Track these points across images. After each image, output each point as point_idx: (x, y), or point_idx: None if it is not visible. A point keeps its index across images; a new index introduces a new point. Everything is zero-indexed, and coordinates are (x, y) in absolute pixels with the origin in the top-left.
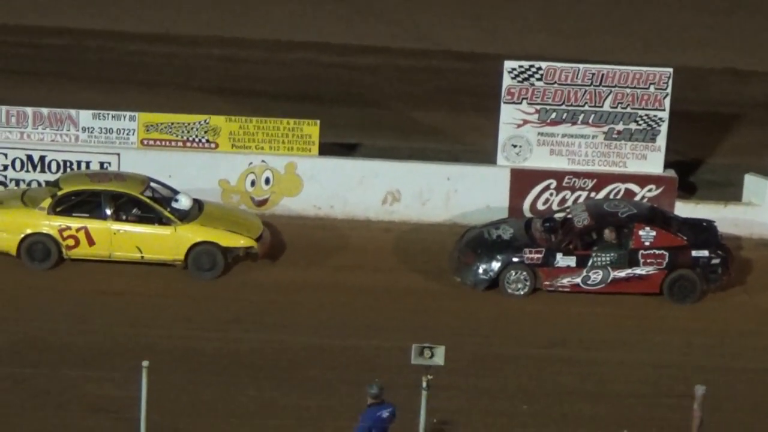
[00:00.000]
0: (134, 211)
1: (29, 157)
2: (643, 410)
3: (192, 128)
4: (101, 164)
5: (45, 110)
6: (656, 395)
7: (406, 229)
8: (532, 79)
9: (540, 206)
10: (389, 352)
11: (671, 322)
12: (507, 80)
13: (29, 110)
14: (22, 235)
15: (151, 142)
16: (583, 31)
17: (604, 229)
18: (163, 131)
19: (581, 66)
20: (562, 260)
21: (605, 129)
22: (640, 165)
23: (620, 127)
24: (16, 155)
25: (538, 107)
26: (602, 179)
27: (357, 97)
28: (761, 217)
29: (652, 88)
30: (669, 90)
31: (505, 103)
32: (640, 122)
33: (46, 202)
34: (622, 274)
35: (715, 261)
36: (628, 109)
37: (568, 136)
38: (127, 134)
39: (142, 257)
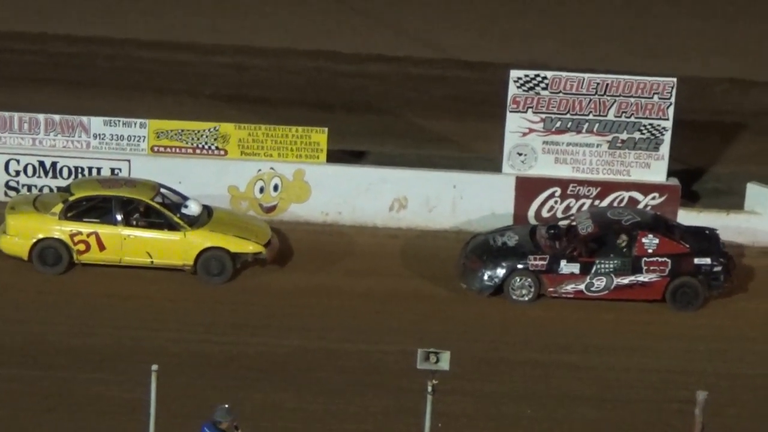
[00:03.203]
0: (135, 216)
1: (41, 163)
2: (646, 415)
3: (202, 135)
4: (112, 170)
5: (57, 117)
6: (659, 401)
7: (413, 235)
8: (537, 89)
9: (545, 214)
10: (395, 357)
11: (674, 328)
12: (513, 89)
13: (41, 117)
14: (34, 240)
15: (162, 149)
16: (587, 41)
17: (608, 237)
18: (173, 138)
19: (586, 75)
20: (566, 267)
21: (609, 138)
22: (643, 173)
23: (624, 136)
24: (28, 161)
25: (544, 116)
26: (606, 187)
27: (365, 105)
28: (763, 226)
29: (655, 98)
30: (672, 99)
31: (510, 111)
32: (644, 131)
33: (58, 208)
34: (626, 281)
35: (718, 268)
36: (632, 119)
37: (572, 144)
38: (138, 141)
39: (152, 262)
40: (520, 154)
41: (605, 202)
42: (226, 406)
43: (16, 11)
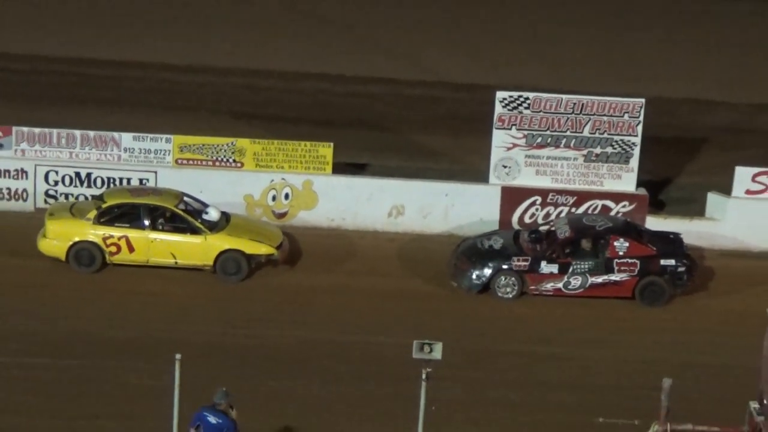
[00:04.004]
0: (160, 221)
1: (77, 174)
2: (618, 400)
3: (220, 149)
4: (140, 180)
5: (91, 133)
6: (629, 387)
7: (409, 239)
8: (520, 108)
9: (527, 220)
10: (393, 348)
11: (642, 322)
12: (498, 108)
13: (77, 133)
14: (71, 243)
15: (185, 162)
16: (565, 66)
17: (584, 240)
18: (195, 152)
19: (564, 96)
20: (546, 267)
21: (584, 152)
22: (615, 184)
23: (598, 150)
24: (65, 172)
25: (526, 132)
26: (582, 196)
27: (367, 122)
28: (722, 231)
29: (626, 116)
30: (641, 118)
31: (496, 128)
32: (616, 146)
33: (92, 214)
34: (599, 280)
35: (681, 269)
36: (605, 135)
37: (551, 158)
38: (164, 154)
39: (176, 262)
40: (505, 167)
41: (581, 210)
42: (224, 389)
43: (58, 40)
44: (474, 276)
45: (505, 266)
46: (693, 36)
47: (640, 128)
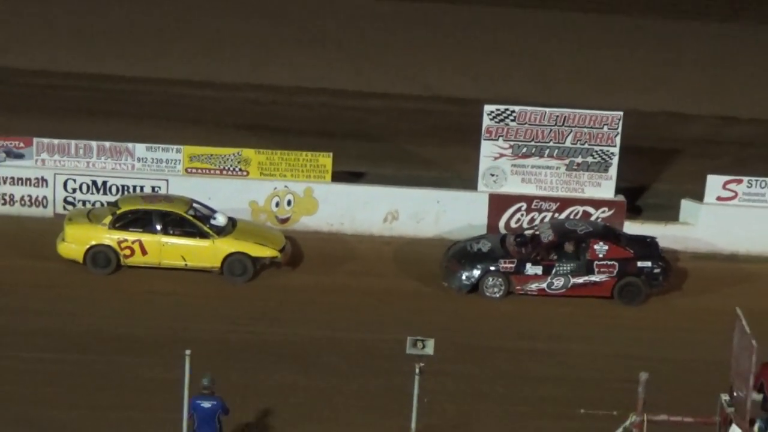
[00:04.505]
0: (172, 226)
1: (94, 182)
2: (598, 393)
3: (227, 159)
4: (153, 188)
5: (107, 143)
6: (609, 380)
7: (403, 242)
8: (507, 120)
9: (513, 224)
10: (388, 344)
11: (621, 320)
12: (486, 121)
13: (94, 144)
14: (88, 246)
15: (194, 170)
16: (550, 81)
17: (566, 244)
18: (203, 161)
19: (547, 110)
20: (531, 269)
21: (567, 161)
22: (595, 191)
23: (579, 160)
24: (83, 180)
25: (512, 143)
26: (564, 203)
27: (364, 133)
28: (695, 235)
29: (605, 128)
30: (619, 129)
31: (484, 139)
32: (596, 156)
33: (108, 219)
34: (580, 280)
35: (657, 270)
36: (586, 145)
37: (536, 167)
38: (174, 163)
39: (186, 265)
40: (492, 175)
41: (563, 215)
42: (209, 374)
43: (76, 57)
44: (464, 277)
45: (492, 268)
46: (667, 53)
47: (618, 139)
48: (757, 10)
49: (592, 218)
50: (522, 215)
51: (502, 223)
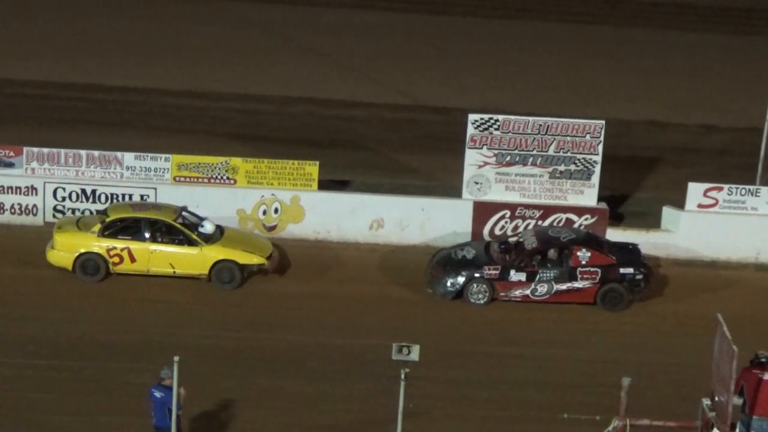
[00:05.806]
0: (160, 234)
1: (83, 191)
2: (581, 397)
3: (215, 167)
4: (141, 196)
5: (96, 152)
6: (591, 384)
7: (389, 250)
8: (491, 129)
9: (497, 232)
10: (374, 349)
11: (603, 325)
12: (471, 129)
13: (83, 152)
14: (77, 254)
15: (182, 179)
16: (533, 90)
17: (549, 251)
18: (191, 170)
19: (531, 119)
20: (515, 275)
21: (550, 170)
22: (578, 199)
23: (562, 168)
24: (72, 189)
25: (496, 152)
26: (547, 210)
27: (350, 142)
28: (675, 242)
29: (587, 137)
30: (601, 138)
31: (469, 148)
32: (578, 164)
33: (97, 227)
34: (564, 287)
35: (639, 276)
36: (569, 154)
37: (519, 175)
38: (163, 172)
39: (174, 272)
40: (476, 183)
41: (546, 222)
42: (168, 367)
43: (66, 67)
44: (448, 284)
45: (477, 275)
46: (648, 63)
47: (600, 147)
48: (736, 21)
49: (575, 225)
50: (506, 223)
51: (486, 231)
